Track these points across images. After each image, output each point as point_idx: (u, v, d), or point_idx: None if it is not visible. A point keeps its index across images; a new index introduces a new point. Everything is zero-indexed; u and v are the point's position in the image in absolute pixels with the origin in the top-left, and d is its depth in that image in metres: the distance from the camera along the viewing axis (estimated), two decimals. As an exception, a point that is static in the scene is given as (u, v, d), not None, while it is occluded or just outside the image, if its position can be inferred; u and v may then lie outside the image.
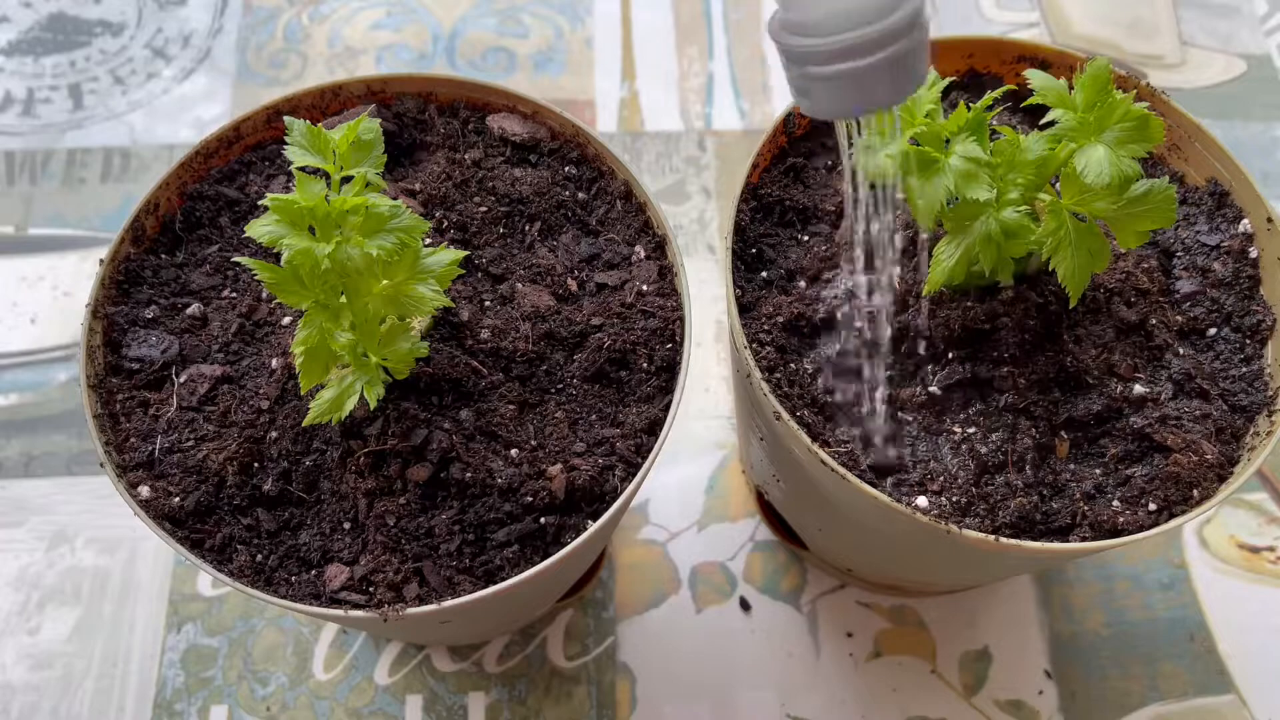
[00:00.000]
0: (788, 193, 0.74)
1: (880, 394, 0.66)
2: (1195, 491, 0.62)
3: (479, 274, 0.70)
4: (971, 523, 0.61)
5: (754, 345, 0.66)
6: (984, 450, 0.64)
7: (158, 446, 0.64)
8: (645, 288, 0.69)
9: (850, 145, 0.54)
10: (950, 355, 0.65)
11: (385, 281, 0.58)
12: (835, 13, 0.41)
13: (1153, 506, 0.62)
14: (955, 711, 0.83)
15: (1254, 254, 0.70)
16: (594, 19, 1.18)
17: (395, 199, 0.58)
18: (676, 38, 1.18)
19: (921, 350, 0.66)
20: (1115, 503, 0.62)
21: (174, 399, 0.65)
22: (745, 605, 0.87)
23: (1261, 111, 1.14)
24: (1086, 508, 0.62)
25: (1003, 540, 0.59)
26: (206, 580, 0.87)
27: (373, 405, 0.59)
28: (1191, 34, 1.20)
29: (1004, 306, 0.64)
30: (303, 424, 0.61)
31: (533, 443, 0.64)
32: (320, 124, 0.58)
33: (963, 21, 1.20)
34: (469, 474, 0.62)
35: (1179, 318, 0.69)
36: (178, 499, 0.62)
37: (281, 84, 1.12)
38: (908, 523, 0.60)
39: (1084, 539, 0.61)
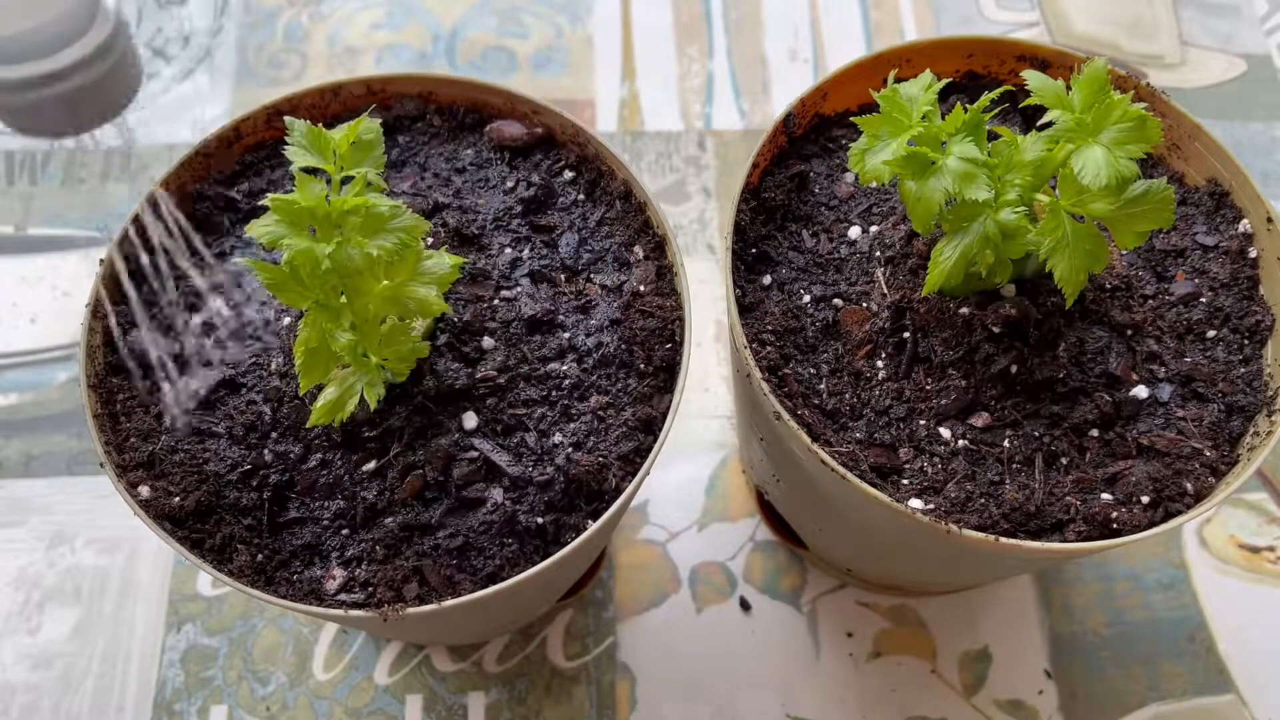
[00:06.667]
0: (788, 194, 0.74)
1: (879, 395, 0.66)
2: (1194, 491, 0.62)
3: (479, 275, 0.70)
4: (969, 519, 0.61)
5: (754, 345, 0.66)
6: (982, 450, 0.64)
7: (158, 446, 0.64)
8: (644, 288, 0.70)
9: None
10: (948, 357, 0.65)
11: (385, 282, 0.58)
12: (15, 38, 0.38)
13: (1151, 506, 0.62)
14: (955, 711, 0.83)
15: (1253, 254, 0.70)
16: (594, 19, 1.18)
17: (395, 199, 0.58)
18: (676, 38, 1.18)
19: (920, 352, 0.66)
20: (1113, 502, 0.62)
21: (174, 399, 0.65)
22: (745, 605, 0.87)
23: (1261, 111, 1.14)
24: (1083, 506, 0.62)
25: (1003, 540, 0.59)
26: (206, 580, 0.87)
27: (373, 406, 0.59)
28: (1191, 34, 1.20)
29: (1001, 307, 0.64)
30: (306, 425, 0.61)
31: (533, 442, 0.64)
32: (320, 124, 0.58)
33: (963, 21, 1.20)
34: (468, 473, 0.62)
35: (1178, 319, 0.69)
36: (178, 499, 0.62)
37: (281, 84, 1.12)
38: (907, 522, 0.60)
39: (1080, 534, 0.61)
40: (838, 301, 0.69)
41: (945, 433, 0.65)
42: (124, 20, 0.38)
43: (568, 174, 0.75)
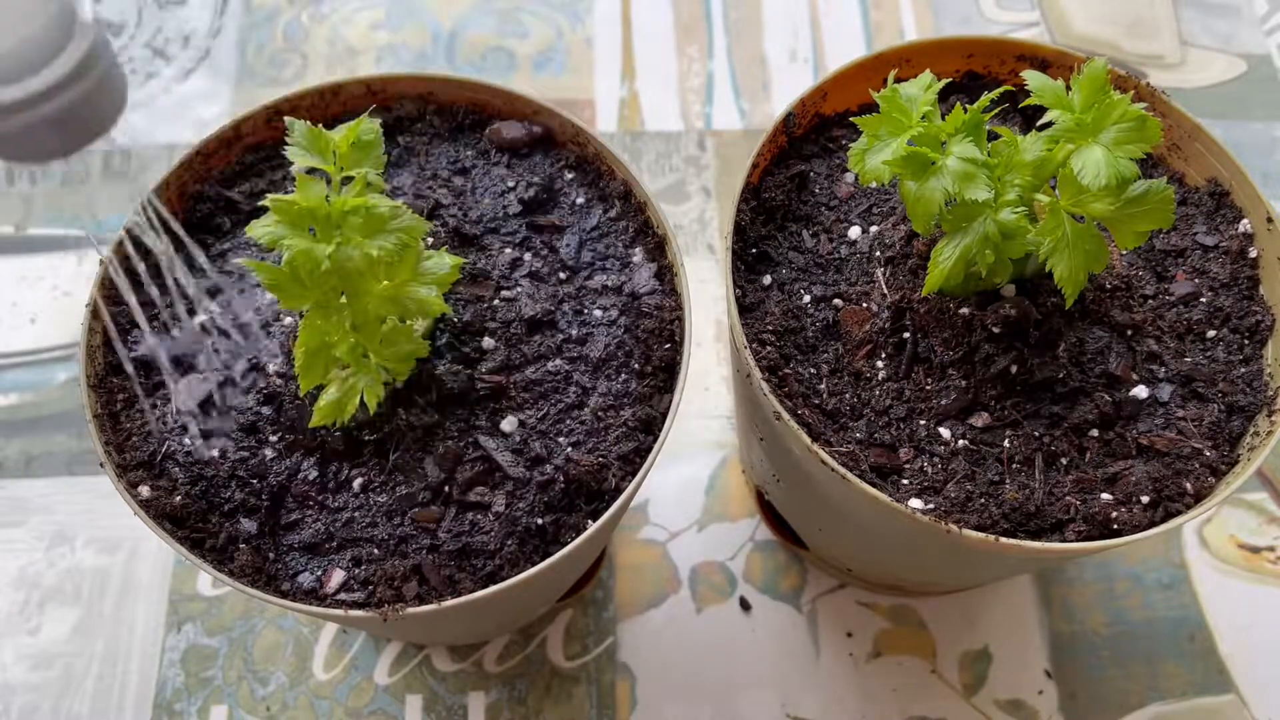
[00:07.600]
0: (788, 194, 0.74)
1: (879, 395, 0.66)
2: (1194, 491, 0.62)
3: (479, 275, 0.70)
4: (969, 519, 0.61)
5: (754, 345, 0.66)
6: (982, 450, 0.64)
7: (158, 447, 0.64)
8: (645, 288, 0.70)
9: None
10: (948, 357, 0.65)
11: (385, 282, 0.58)
12: None
13: (1151, 506, 0.62)
14: (955, 711, 0.83)
15: (1253, 254, 0.70)
16: (594, 19, 1.18)
17: (395, 200, 0.58)
18: (676, 38, 1.18)
19: (920, 352, 0.66)
20: (1113, 502, 0.62)
21: (174, 399, 0.65)
22: (745, 605, 0.87)
23: (1261, 111, 1.14)
24: (1083, 506, 0.62)
25: (1003, 540, 0.59)
26: (206, 580, 0.87)
27: (373, 408, 0.59)
28: (1191, 34, 1.20)
29: (1001, 308, 0.64)
30: (308, 426, 0.61)
31: (533, 442, 0.64)
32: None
33: (963, 21, 1.20)
34: (469, 474, 0.62)
35: (1178, 319, 0.69)
36: (178, 499, 0.62)
37: (281, 84, 1.12)
38: (907, 522, 0.60)
39: (1080, 534, 0.61)
40: (838, 301, 0.69)
41: (945, 433, 0.65)
42: (103, 34, 0.37)
43: (568, 174, 0.75)
